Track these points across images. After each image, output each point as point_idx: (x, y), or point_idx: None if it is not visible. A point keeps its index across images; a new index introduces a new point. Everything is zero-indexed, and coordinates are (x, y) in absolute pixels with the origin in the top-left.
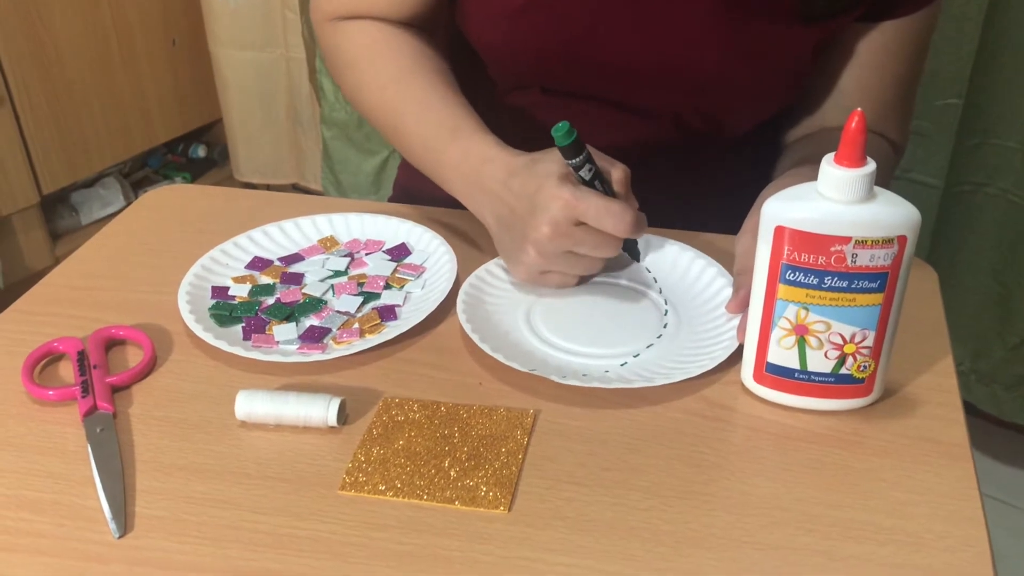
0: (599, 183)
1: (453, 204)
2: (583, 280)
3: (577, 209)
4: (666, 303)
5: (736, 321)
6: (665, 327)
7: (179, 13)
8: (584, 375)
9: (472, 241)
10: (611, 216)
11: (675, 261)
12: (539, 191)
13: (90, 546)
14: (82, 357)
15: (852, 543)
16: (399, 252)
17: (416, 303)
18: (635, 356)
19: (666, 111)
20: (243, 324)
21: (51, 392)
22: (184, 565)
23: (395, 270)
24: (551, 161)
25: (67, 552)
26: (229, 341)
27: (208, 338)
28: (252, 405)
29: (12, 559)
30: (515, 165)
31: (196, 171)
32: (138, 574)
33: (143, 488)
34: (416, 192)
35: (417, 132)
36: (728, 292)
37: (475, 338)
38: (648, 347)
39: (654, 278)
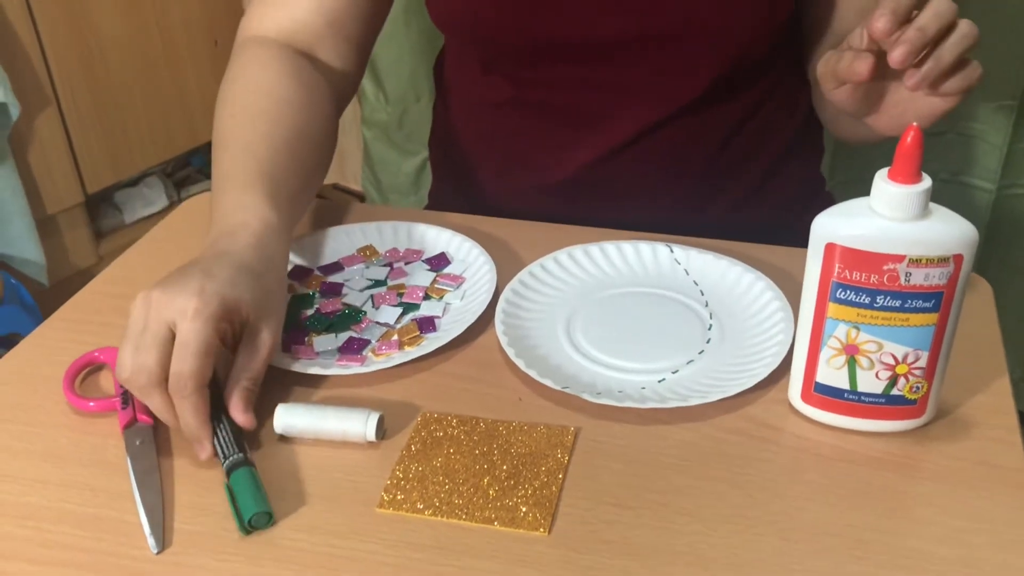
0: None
1: (491, 212)
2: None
3: (180, 340)
4: (711, 317)
5: None
6: (708, 342)
7: (221, 14)
8: (620, 392)
9: (512, 250)
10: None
11: (723, 274)
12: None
13: (129, 562)
14: None
15: (905, 572)
16: (438, 262)
17: (455, 314)
18: (674, 372)
19: (649, 79)
20: (284, 335)
21: (92, 403)
22: None
23: (434, 280)
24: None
25: (106, 567)
26: None
27: None
28: (291, 419)
29: (52, 573)
30: (215, 231)
31: None
32: None
33: (182, 503)
34: (451, 201)
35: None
36: (777, 304)
37: (510, 352)
38: (688, 363)
39: (701, 291)
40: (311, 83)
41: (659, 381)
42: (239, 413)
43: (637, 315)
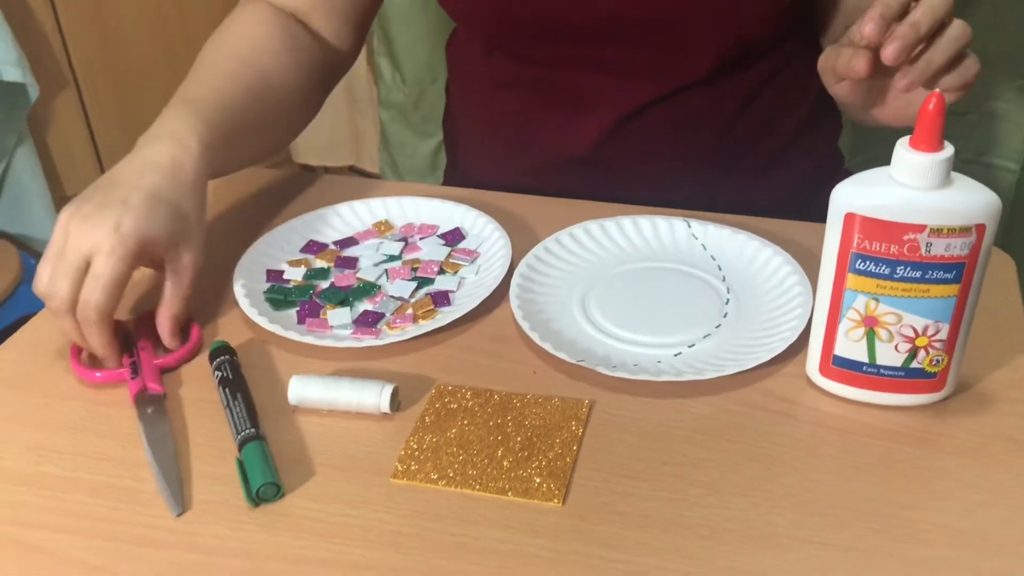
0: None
1: (506, 188)
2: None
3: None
4: (728, 291)
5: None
6: (725, 316)
7: None
8: (635, 365)
9: (527, 226)
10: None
11: (741, 250)
12: (119, 200)
13: (144, 530)
14: (127, 337)
15: (924, 546)
16: (453, 237)
17: (470, 289)
18: (690, 346)
19: (649, 62)
20: (298, 308)
21: (98, 374)
22: (236, 552)
23: (449, 255)
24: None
25: (121, 535)
26: (284, 325)
27: (263, 322)
28: (305, 390)
29: (68, 541)
30: (174, 169)
31: None
32: (190, 559)
33: (195, 473)
34: (466, 178)
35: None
36: (795, 278)
37: (524, 326)
38: (705, 337)
39: (719, 266)
40: (297, 44)
41: (675, 355)
42: (167, 336)
43: (653, 290)
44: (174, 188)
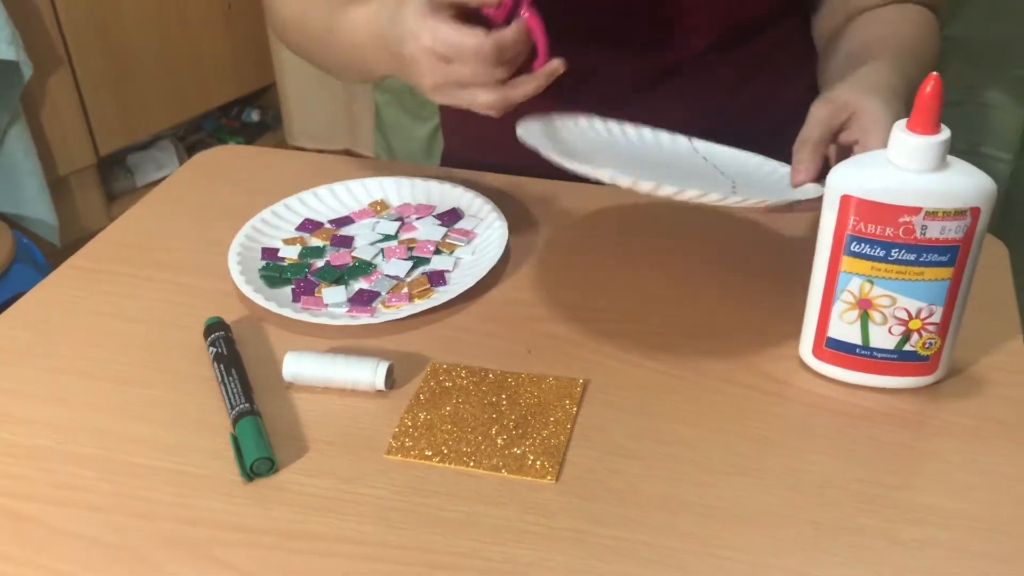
0: None
1: (503, 170)
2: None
3: (442, 54)
4: (733, 183)
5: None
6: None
7: None
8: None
9: (524, 207)
10: (469, 53)
11: (744, 162)
12: (404, 43)
13: (137, 503)
14: None
15: (914, 526)
16: (450, 217)
17: (466, 269)
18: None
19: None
20: (293, 286)
21: None
22: (229, 525)
23: (445, 235)
24: (410, 9)
25: (115, 508)
26: (278, 303)
27: (258, 299)
28: (300, 367)
29: (62, 513)
30: (381, 23)
31: (250, 135)
32: (185, 532)
33: (191, 447)
34: (463, 161)
35: (325, 26)
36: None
37: (553, 155)
38: (733, 190)
39: (721, 172)
40: None
41: (731, 188)
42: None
43: (672, 176)
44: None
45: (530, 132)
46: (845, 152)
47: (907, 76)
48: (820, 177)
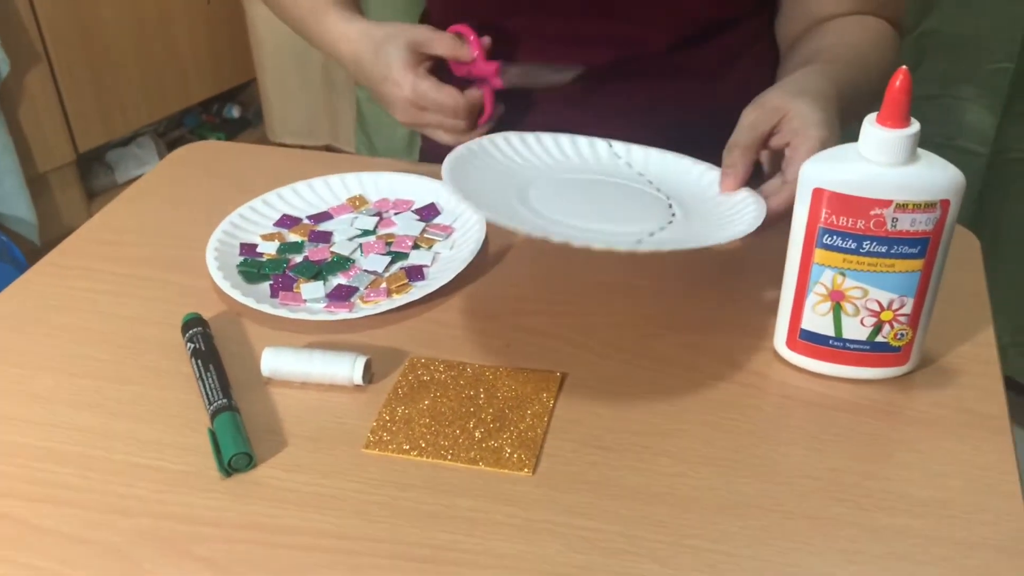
0: None
1: None
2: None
3: (418, 104)
4: (668, 198)
5: (747, 201)
6: (674, 215)
7: None
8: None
9: None
10: (445, 108)
11: (672, 166)
12: (384, 82)
13: (115, 499)
14: None
15: (885, 514)
16: (428, 212)
17: (444, 264)
18: (651, 235)
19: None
20: (271, 281)
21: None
22: (207, 520)
23: (424, 230)
24: (392, 56)
25: (92, 504)
26: (256, 298)
27: (236, 295)
28: (278, 362)
29: (39, 509)
30: (361, 51)
31: (231, 131)
32: (162, 527)
33: (168, 443)
34: (441, 156)
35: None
36: (742, 192)
37: (477, 214)
38: (661, 229)
39: (649, 180)
40: None
41: (636, 242)
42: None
43: (591, 194)
44: (370, 52)
45: (450, 175)
46: (777, 156)
47: (847, 82)
48: (748, 182)
